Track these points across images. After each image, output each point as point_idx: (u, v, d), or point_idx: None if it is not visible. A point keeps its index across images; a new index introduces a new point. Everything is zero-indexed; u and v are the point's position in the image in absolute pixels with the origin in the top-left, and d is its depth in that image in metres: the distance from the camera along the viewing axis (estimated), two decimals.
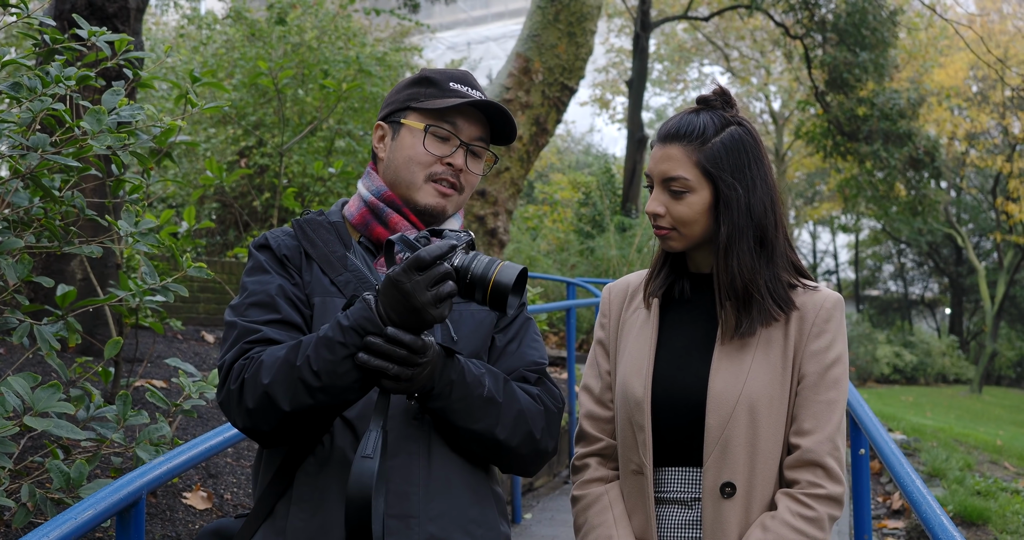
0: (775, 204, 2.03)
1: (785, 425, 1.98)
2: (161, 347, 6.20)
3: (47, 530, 2.07)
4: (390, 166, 2.02)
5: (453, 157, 1.99)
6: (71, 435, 2.90)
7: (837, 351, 2.00)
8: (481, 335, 2.00)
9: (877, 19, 16.43)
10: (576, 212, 17.33)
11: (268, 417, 1.77)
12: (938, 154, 18.30)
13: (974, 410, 20.93)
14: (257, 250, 1.98)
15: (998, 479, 6.82)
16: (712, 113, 2.04)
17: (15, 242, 3.24)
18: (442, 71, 2.07)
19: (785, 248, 2.05)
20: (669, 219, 2.01)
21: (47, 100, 3.24)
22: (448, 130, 1.99)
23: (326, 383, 1.72)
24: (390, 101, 2.07)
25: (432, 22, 19.72)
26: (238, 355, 1.83)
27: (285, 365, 1.75)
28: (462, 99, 1.99)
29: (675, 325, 2.08)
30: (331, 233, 2.01)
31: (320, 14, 10.24)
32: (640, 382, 2.02)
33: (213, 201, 9.80)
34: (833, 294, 2.04)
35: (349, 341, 1.71)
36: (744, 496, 1.95)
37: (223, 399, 1.84)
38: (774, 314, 1.99)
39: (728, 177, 1.98)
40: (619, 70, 29.35)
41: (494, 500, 1.98)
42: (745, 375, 1.96)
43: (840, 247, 40.11)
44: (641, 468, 2.02)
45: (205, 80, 4.01)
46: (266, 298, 1.90)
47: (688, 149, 1.99)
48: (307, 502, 1.83)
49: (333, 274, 1.94)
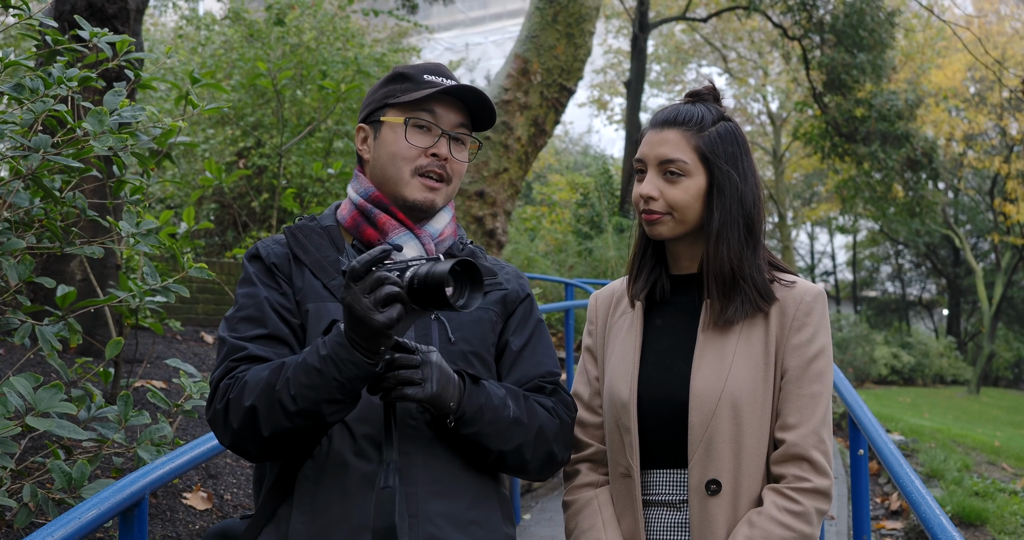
0: (761, 199, 2.06)
1: (770, 421, 1.98)
2: (161, 348, 6.20)
3: (51, 530, 2.07)
4: (376, 165, 2.02)
5: (437, 147, 1.99)
6: (73, 435, 2.91)
7: (819, 344, 1.99)
8: (479, 334, 2.00)
9: (875, 20, 16.44)
10: (574, 213, 17.32)
11: (252, 437, 1.80)
12: (936, 155, 18.31)
13: (972, 411, 20.94)
14: (249, 261, 2.01)
15: (996, 480, 6.83)
16: (706, 105, 2.07)
17: (16, 243, 3.24)
18: (415, 66, 2.07)
19: (765, 243, 2.08)
20: (663, 203, 2.02)
21: (49, 101, 3.25)
22: (428, 120, 1.99)
23: (302, 407, 1.74)
24: (368, 102, 2.07)
25: (430, 23, 19.71)
26: (224, 373, 1.86)
27: (267, 388, 1.77)
28: (437, 87, 1.99)
29: (659, 328, 2.09)
30: (323, 238, 2.01)
31: (318, 15, 10.23)
32: (626, 385, 2.03)
33: (212, 202, 9.80)
34: (814, 287, 2.04)
35: (325, 369, 1.72)
36: (731, 493, 1.94)
37: (211, 417, 1.87)
38: (760, 305, 1.99)
39: (724, 165, 2.01)
40: (617, 71, 29.34)
41: (498, 502, 1.99)
42: (727, 372, 1.96)
43: (838, 248, 40.15)
44: (629, 471, 2.03)
45: (205, 81, 4.01)
46: (255, 312, 1.92)
47: (687, 134, 2.02)
48: (308, 505, 1.84)
49: (326, 279, 1.95)
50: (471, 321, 1.99)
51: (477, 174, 9.56)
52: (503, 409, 1.89)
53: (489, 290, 2.04)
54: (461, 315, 1.96)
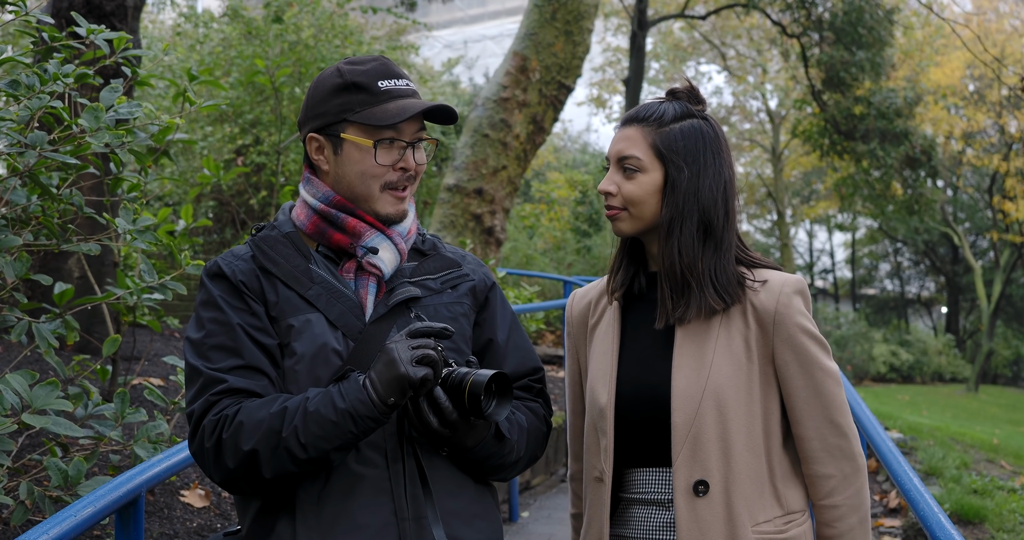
0: (727, 198, 2.03)
1: (760, 418, 1.96)
2: (158, 345, 6.20)
3: (47, 527, 2.07)
4: (341, 181, 1.95)
5: (404, 160, 1.94)
6: (69, 433, 2.90)
7: (809, 334, 1.99)
8: (458, 330, 1.98)
9: (874, 18, 16.43)
10: (573, 211, 17.34)
11: (250, 478, 1.78)
12: (935, 153, 18.32)
13: (970, 409, 20.96)
14: (211, 281, 1.91)
15: (994, 478, 6.82)
16: (677, 103, 2.07)
17: (13, 240, 3.23)
18: (364, 70, 1.95)
19: (736, 243, 2.05)
20: (620, 198, 2.03)
21: (45, 98, 3.24)
22: (393, 136, 1.92)
23: (313, 456, 1.75)
24: (320, 112, 1.95)
25: (429, 20, 19.69)
26: (206, 407, 1.81)
27: (270, 433, 1.75)
28: (404, 110, 1.91)
29: (638, 326, 2.08)
30: (288, 247, 1.95)
31: (317, 12, 10.22)
32: (604, 388, 2.03)
33: (210, 199, 9.80)
34: (791, 278, 2.01)
35: (342, 422, 1.74)
36: (722, 494, 1.92)
37: (196, 451, 1.84)
38: (714, 303, 1.97)
39: (679, 160, 2.00)
40: (616, 69, 29.33)
41: (489, 492, 2.01)
42: (708, 370, 1.95)
43: (836, 246, 40.16)
44: (602, 475, 2.02)
45: (203, 78, 4.00)
46: (227, 341, 1.84)
47: (645, 131, 2.03)
48: (313, 520, 1.81)
49: (302, 289, 1.89)
50: (449, 317, 1.98)
51: (476, 172, 9.55)
52: (510, 454, 1.95)
53: (458, 283, 2.04)
54: (439, 311, 1.96)
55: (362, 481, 1.81)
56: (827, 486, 1.97)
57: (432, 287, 2.00)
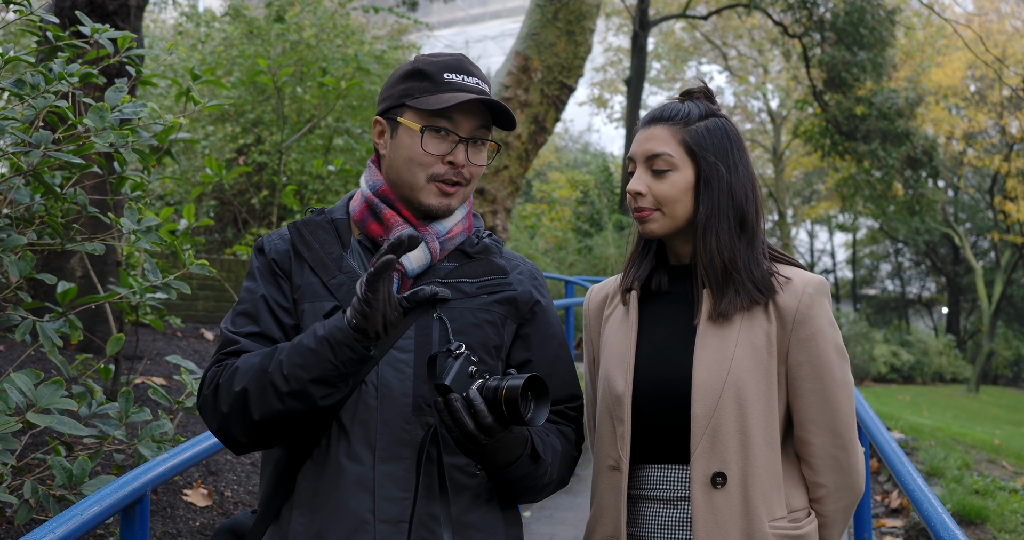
0: (756, 193, 2.05)
1: (778, 414, 1.96)
2: (161, 344, 6.20)
3: (53, 526, 2.07)
4: (392, 165, 1.97)
5: (454, 154, 1.92)
6: (73, 432, 2.91)
7: (827, 335, 1.99)
8: (479, 337, 1.93)
9: (875, 18, 16.44)
10: (574, 210, 17.35)
11: (242, 421, 1.81)
12: (936, 153, 18.33)
13: (971, 409, 20.95)
14: (256, 253, 2.00)
15: (996, 478, 6.82)
16: (699, 102, 2.07)
17: (17, 239, 3.24)
18: (436, 60, 1.97)
19: (764, 238, 2.06)
20: (651, 198, 2.01)
21: (50, 97, 3.24)
22: (446, 126, 1.92)
23: (294, 388, 1.75)
24: (386, 95, 2.00)
25: (430, 20, 19.72)
26: (214, 363, 1.89)
27: (259, 371, 1.78)
28: (456, 97, 1.90)
29: (655, 318, 2.07)
30: (329, 233, 1.97)
31: (318, 12, 10.22)
32: (622, 376, 2.01)
33: (212, 199, 9.79)
34: (814, 277, 2.02)
35: (320, 349, 1.74)
36: (739, 486, 1.91)
37: (200, 404, 1.89)
38: (755, 297, 1.97)
39: (711, 157, 2.00)
40: (617, 69, 29.33)
41: (499, 505, 1.94)
42: (729, 362, 1.94)
43: (837, 246, 40.15)
44: (618, 463, 2.00)
45: (205, 78, 4.01)
46: (251, 308, 1.92)
47: (672, 129, 2.02)
48: (306, 507, 1.83)
49: (326, 277, 1.91)
50: (473, 324, 1.93)
51: None
52: (543, 476, 1.92)
53: (497, 290, 1.98)
54: (464, 316, 1.91)
55: (346, 475, 1.82)
56: (817, 493, 2.00)
57: (466, 291, 1.95)
